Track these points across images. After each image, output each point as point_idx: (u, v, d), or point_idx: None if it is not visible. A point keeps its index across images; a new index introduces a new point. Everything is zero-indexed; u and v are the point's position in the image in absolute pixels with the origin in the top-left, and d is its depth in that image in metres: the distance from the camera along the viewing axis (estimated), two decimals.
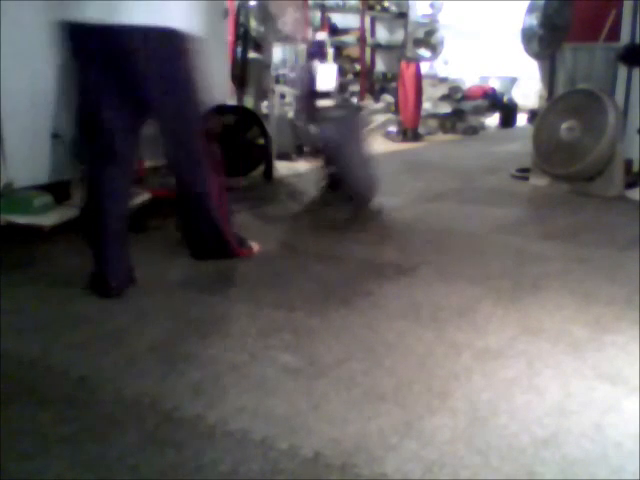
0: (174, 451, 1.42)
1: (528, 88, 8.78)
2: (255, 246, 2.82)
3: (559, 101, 4.29)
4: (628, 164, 4.15)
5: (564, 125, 4.12)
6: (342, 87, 5.65)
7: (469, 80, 9.22)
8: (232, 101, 4.52)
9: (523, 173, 4.64)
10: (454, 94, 8.19)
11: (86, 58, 2.25)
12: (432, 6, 8.82)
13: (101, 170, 2.34)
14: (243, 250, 2.73)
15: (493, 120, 8.52)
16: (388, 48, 9.25)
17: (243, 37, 4.67)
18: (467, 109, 7.93)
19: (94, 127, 2.31)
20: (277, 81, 6.18)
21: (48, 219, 2.93)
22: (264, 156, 4.49)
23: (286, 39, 6.30)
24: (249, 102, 4.77)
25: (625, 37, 4.18)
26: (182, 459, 1.39)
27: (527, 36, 4.75)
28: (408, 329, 2.07)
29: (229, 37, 4.59)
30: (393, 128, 7.06)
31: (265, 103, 4.85)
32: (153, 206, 3.29)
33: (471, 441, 1.46)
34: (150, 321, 2.11)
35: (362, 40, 8.75)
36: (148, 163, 3.37)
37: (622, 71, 4.20)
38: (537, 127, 4.41)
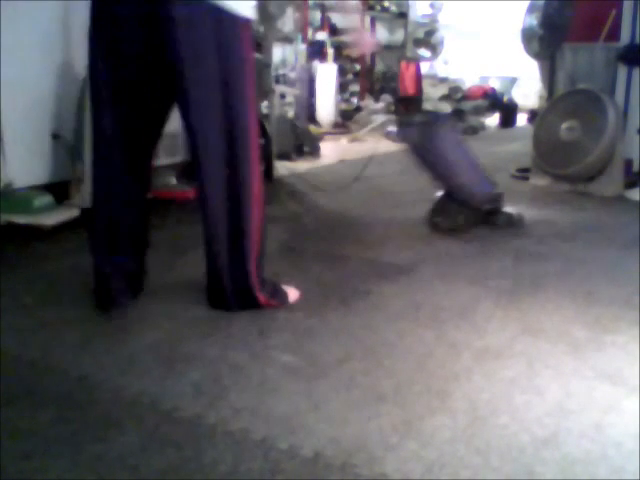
0: (174, 451, 1.42)
1: (528, 88, 8.79)
2: (292, 293, 2.28)
3: (559, 101, 4.29)
4: (628, 164, 4.15)
5: (564, 125, 4.12)
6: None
7: (469, 80, 9.23)
8: None
9: (523, 173, 4.64)
10: (454, 94, 8.20)
11: (114, 27, 1.91)
12: (432, 6, 8.84)
13: (110, 169, 2.07)
14: (271, 301, 2.19)
15: (493, 120, 8.53)
16: (388, 48, 9.26)
17: None
18: (467, 109, 7.94)
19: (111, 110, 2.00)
20: (277, 81, 6.19)
21: (48, 219, 2.93)
22: (264, 156, 4.49)
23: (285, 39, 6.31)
24: None
25: (625, 37, 4.18)
26: (182, 459, 1.39)
27: (527, 36, 4.75)
28: (408, 329, 2.07)
29: None
30: (393, 128, 7.06)
31: (265, 103, 4.85)
32: (153, 205, 3.28)
33: (471, 441, 1.46)
34: (150, 321, 2.11)
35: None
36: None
37: (622, 71, 4.20)
38: (537, 127, 4.41)
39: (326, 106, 7.19)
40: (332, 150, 6.05)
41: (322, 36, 8.11)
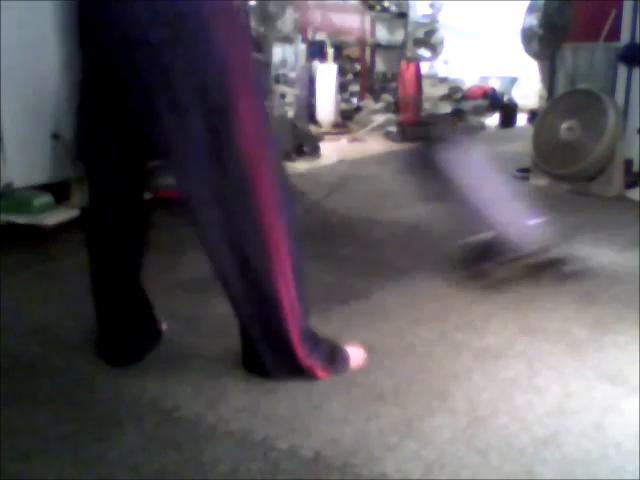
0: (174, 451, 1.42)
1: (528, 88, 8.78)
2: (356, 356, 1.81)
3: (559, 101, 4.29)
4: (628, 164, 4.15)
5: (564, 125, 4.12)
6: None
7: (469, 80, 9.22)
8: None
9: (523, 173, 4.64)
10: (454, 94, 8.20)
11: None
12: (432, 6, 8.84)
13: (102, 210, 1.77)
14: (322, 370, 1.72)
15: (493, 120, 8.52)
16: (388, 48, 9.26)
17: None
18: (467, 109, 7.93)
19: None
20: (277, 81, 6.19)
21: (48, 219, 2.93)
22: None
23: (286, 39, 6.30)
24: None
25: (625, 37, 4.18)
26: (182, 459, 1.39)
27: (527, 36, 4.75)
28: (408, 329, 2.07)
29: None
30: (393, 128, 7.06)
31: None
32: (153, 206, 3.28)
33: (471, 441, 1.46)
34: None
35: (362, 40, 8.75)
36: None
37: (622, 71, 4.20)
38: (537, 127, 4.41)
39: (326, 106, 7.18)
40: (332, 150, 6.04)
41: (322, 36, 8.11)
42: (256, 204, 1.62)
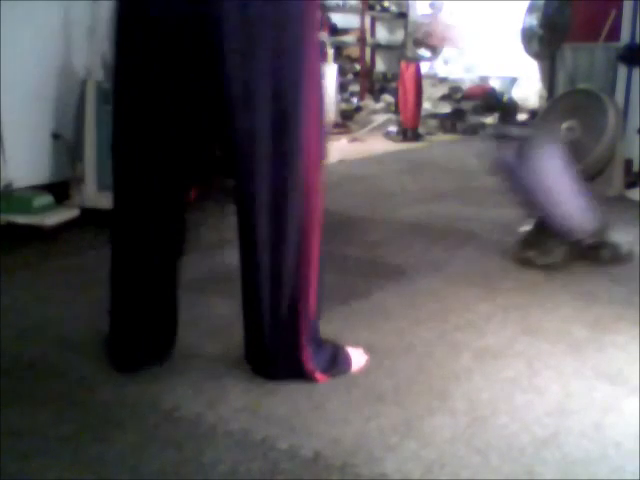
0: (174, 451, 1.42)
1: (528, 88, 8.78)
2: (357, 358, 1.81)
3: (559, 101, 4.29)
4: (628, 164, 4.15)
5: (564, 125, 4.12)
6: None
7: (469, 80, 9.22)
8: None
9: None
10: (454, 94, 8.19)
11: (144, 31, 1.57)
12: (432, 6, 8.83)
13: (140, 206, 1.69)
14: (322, 374, 1.71)
15: (493, 120, 8.51)
16: (388, 48, 9.25)
17: None
18: (467, 109, 7.93)
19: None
20: None
21: (48, 219, 2.93)
22: None
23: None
24: None
25: (625, 37, 4.18)
26: (182, 459, 1.39)
27: (527, 36, 4.75)
28: (408, 329, 2.07)
29: None
30: (393, 128, 7.05)
31: None
32: None
33: (471, 441, 1.46)
34: None
35: (362, 40, 8.75)
36: None
37: (622, 71, 4.20)
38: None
39: (326, 106, 7.18)
40: (332, 150, 6.04)
41: (322, 36, 8.11)
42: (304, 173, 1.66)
